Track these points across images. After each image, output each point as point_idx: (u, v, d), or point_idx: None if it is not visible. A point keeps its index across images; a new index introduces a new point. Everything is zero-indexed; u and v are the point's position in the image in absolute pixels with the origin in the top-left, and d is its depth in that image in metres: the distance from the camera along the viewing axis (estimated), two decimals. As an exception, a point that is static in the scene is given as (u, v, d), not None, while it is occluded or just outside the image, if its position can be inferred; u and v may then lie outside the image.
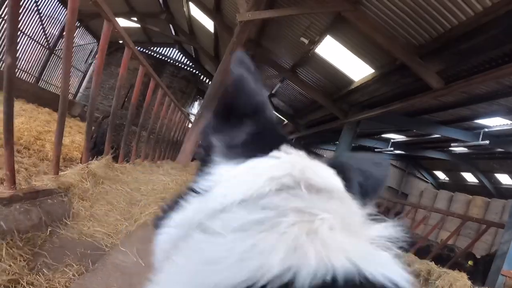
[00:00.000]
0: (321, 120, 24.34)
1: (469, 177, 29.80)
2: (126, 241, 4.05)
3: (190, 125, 14.23)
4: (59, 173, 4.76)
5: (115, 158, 7.35)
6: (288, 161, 0.72)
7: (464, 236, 21.19)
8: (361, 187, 0.83)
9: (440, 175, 34.03)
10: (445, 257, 11.83)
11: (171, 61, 29.91)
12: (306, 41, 14.52)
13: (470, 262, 12.08)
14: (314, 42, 14.60)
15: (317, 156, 0.87)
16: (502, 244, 9.10)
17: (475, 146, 19.16)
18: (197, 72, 29.56)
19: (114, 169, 6.19)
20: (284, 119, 30.30)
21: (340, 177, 0.77)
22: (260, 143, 0.75)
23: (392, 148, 26.60)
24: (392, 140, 26.34)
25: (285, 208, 0.58)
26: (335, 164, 0.81)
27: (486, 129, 17.66)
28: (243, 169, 0.71)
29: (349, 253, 0.51)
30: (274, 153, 0.74)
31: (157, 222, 0.79)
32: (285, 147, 0.77)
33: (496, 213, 21.62)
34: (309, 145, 33.79)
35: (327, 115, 21.93)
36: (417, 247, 12.30)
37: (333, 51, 14.74)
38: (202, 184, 0.73)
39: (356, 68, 15.00)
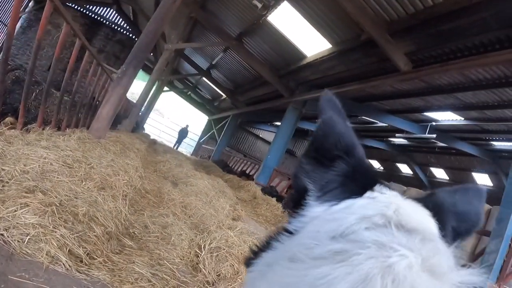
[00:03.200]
0: (263, 97, 23.26)
1: (404, 168, 30.21)
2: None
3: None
4: None
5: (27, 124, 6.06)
6: (382, 201, 0.72)
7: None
8: (454, 231, 0.82)
9: (374, 164, 33.79)
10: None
11: (107, 23, 27.18)
12: (259, 5, 12.86)
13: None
14: (268, 7, 12.94)
15: (411, 198, 0.82)
16: (487, 254, 8.33)
17: (417, 138, 18.90)
18: (134, 36, 27.30)
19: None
20: (222, 93, 28.58)
21: (435, 219, 0.75)
22: (353, 185, 0.75)
23: (331, 134, 25.74)
24: (332, 126, 25.43)
25: (367, 241, 0.58)
26: (430, 204, 0.78)
27: (434, 123, 17.44)
28: (337, 209, 0.72)
29: None
30: (368, 193, 0.74)
31: (248, 261, 0.81)
32: (379, 188, 0.77)
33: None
34: (246, 124, 32.80)
35: (271, 92, 20.85)
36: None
37: (288, 20, 13.31)
38: (295, 225, 0.75)
39: (311, 42, 13.76)
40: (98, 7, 27.48)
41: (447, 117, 16.46)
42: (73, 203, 3.68)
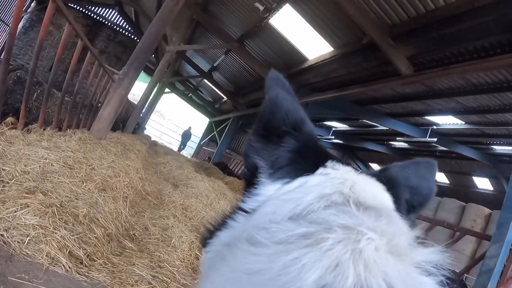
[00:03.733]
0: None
1: (404, 172, 29.62)
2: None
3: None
4: None
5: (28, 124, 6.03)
6: (336, 177, 0.72)
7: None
8: (408, 204, 0.84)
9: (375, 167, 33.64)
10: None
11: (109, 24, 27.13)
12: (261, 8, 12.82)
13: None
14: (270, 10, 12.89)
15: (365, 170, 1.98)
16: (488, 259, 8.30)
17: (418, 142, 18.84)
18: (135, 38, 27.24)
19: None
20: (223, 96, 28.51)
21: (389, 193, 0.77)
22: (305, 161, 0.76)
23: (333, 137, 25.98)
24: (334, 128, 25.73)
25: (332, 224, 0.58)
26: (383, 179, 0.81)
27: (435, 127, 17.33)
28: (291, 187, 0.72)
29: (389, 276, 0.50)
30: (321, 170, 0.75)
31: (204, 241, 0.80)
32: (331, 163, 0.78)
33: (431, 209, 21.10)
34: (247, 126, 32.73)
35: (272, 95, 20.39)
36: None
37: (290, 23, 13.21)
38: (250, 204, 0.75)
39: (313, 45, 13.65)
40: (100, 8, 27.47)
41: (448, 121, 16.34)
42: (73, 204, 3.68)
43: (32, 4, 22.27)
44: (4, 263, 2.66)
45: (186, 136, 34.57)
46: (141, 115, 20.12)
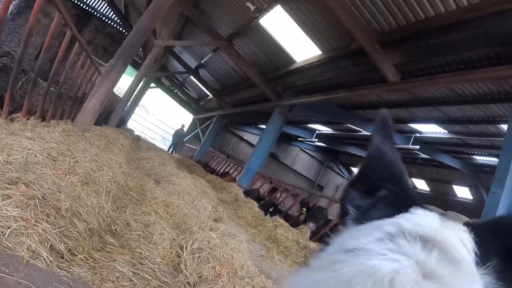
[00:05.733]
0: (250, 100, 23.12)
1: (385, 179, 29.84)
2: None
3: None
4: None
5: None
6: (410, 219, 0.68)
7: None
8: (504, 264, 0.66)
9: (355, 170, 33.91)
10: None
11: (98, 14, 26.86)
12: (252, 7, 12.83)
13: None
14: (261, 10, 12.90)
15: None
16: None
17: (403, 149, 18.95)
18: (124, 30, 26.98)
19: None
20: (209, 94, 28.43)
21: (476, 244, 0.65)
22: (389, 208, 0.74)
23: (316, 139, 26.27)
24: (317, 131, 25.94)
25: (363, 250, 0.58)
26: (477, 228, 0.69)
27: (418, 134, 17.59)
28: (363, 227, 0.70)
29: None
30: (401, 215, 0.70)
31: None
32: (414, 209, 0.72)
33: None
34: (231, 125, 32.68)
35: (258, 95, 20.71)
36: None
37: (280, 25, 13.24)
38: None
39: (301, 48, 13.72)
40: (90, -1, 27.23)
41: (431, 129, 16.61)
42: (56, 197, 3.61)
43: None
44: (-17, 255, 2.60)
45: (178, 135, 31.92)
46: (125, 108, 19.94)
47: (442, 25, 8.45)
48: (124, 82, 22.53)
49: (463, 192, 24.00)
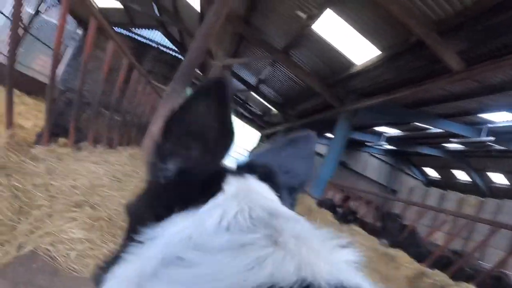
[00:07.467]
0: (313, 109, 22.85)
1: (460, 175, 28.72)
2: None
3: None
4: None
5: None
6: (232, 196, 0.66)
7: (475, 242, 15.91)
8: (288, 188, 0.82)
9: (430, 172, 32.67)
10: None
11: (154, 45, 27.91)
12: (303, 16, 12.73)
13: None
14: (312, 17, 12.74)
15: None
16: None
17: (473, 143, 17.95)
18: (181, 56, 27.80)
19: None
20: (272, 108, 28.57)
21: (269, 184, 0.75)
22: (195, 188, 0.68)
23: (386, 143, 25.57)
24: (385, 134, 25.23)
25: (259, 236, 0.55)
26: (259, 169, 0.77)
27: (490, 125, 16.59)
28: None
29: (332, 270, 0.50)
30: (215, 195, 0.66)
31: (97, 279, 0.70)
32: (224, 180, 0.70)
33: (490, 212, 20.30)
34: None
35: (320, 103, 20.53)
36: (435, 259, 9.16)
37: (334, 28, 12.98)
38: (146, 234, 0.64)
39: (359, 49, 13.40)
40: (145, 30, 28.20)
41: (503, 118, 15.68)
42: (122, 217, 3.65)
43: (79, 32, 23.21)
44: (49, 277, 2.63)
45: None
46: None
47: (497, 3, 8.04)
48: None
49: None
